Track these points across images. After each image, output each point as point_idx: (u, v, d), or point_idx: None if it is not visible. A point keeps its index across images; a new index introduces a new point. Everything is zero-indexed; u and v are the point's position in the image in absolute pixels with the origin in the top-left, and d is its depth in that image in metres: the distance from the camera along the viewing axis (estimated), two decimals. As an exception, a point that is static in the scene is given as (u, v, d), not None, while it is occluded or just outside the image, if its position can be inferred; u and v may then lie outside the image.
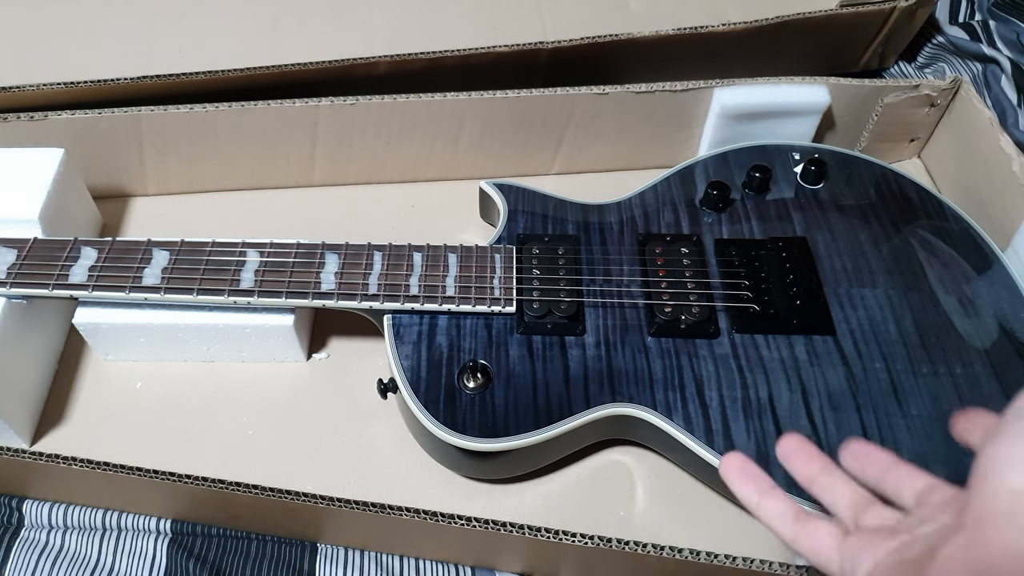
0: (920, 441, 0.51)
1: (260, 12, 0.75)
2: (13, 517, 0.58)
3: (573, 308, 0.57)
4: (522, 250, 0.60)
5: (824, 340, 0.56)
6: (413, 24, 0.74)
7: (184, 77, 0.67)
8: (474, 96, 0.68)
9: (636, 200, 0.65)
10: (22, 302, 0.57)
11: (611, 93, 0.69)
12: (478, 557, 0.55)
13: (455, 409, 0.52)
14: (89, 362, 0.64)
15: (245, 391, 0.62)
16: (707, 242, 0.61)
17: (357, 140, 0.71)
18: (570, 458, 0.58)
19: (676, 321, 0.56)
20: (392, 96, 0.68)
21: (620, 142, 0.75)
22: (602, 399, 0.53)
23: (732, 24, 0.72)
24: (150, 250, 0.58)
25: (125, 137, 0.68)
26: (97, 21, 0.73)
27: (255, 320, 0.59)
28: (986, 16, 0.86)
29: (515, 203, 0.64)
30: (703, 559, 0.45)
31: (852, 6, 0.74)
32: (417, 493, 0.57)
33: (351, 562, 0.56)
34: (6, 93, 0.66)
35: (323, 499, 0.49)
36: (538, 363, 0.55)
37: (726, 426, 0.52)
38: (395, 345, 0.55)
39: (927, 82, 0.71)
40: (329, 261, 0.58)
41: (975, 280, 0.59)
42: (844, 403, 0.53)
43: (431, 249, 0.59)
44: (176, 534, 0.57)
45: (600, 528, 0.47)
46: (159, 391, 0.62)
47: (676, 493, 0.57)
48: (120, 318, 0.59)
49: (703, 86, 0.70)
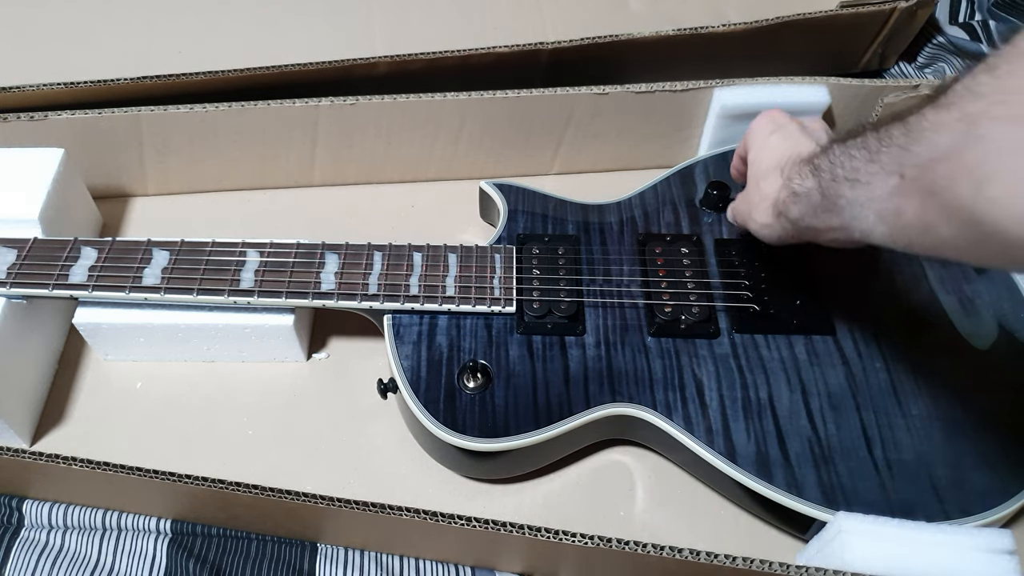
0: (920, 441, 0.51)
1: (260, 12, 0.74)
2: (13, 517, 0.58)
3: (573, 308, 0.57)
4: (522, 250, 0.60)
5: (824, 340, 0.56)
6: (413, 24, 0.74)
7: (184, 77, 0.67)
8: (474, 96, 0.68)
9: (636, 200, 0.65)
10: (22, 302, 0.57)
11: (611, 93, 0.69)
12: (478, 557, 0.55)
13: (455, 409, 0.52)
14: (89, 362, 0.64)
15: (245, 391, 0.62)
16: (707, 242, 0.61)
17: (357, 140, 0.71)
18: (570, 458, 0.58)
19: (676, 321, 0.56)
20: (392, 96, 0.68)
21: (620, 142, 0.75)
22: (602, 399, 0.53)
23: (732, 24, 0.72)
24: (150, 250, 0.58)
25: (125, 137, 0.68)
26: (97, 21, 0.73)
27: (255, 320, 0.59)
28: (986, 16, 0.86)
29: (515, 203, 0.64)
30: (703, 559, 0.45)
31: (852, 7, 0.74)
32: (417, 493, 0.57)
33: (351, 562, 0.56)
34: (6, 93, 0.66)
35: (323, 499, 0.49)
36: (538, 363, 0.55)
37: (726, 426, 0.52)
38: (395, 345, 0.55)
39: (927, 82, 0.71)
40: (329, 261, 0.58)
41: (975, 280, 0.59)
42: (844, 403, 0.53)
43: (431, 249, 0.59)
44: (176, 534, 0.57)
45: (600, 528, 0.47)
46: (159, 391, 0.62)
47: (676, 493, 0.57)
48: (120, 318, 0.59)
49: (703, 86, 0.70)
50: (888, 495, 0.49)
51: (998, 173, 0.30)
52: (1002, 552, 0.46)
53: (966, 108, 0.31)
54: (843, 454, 0.51)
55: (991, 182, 0.30)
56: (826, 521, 0.49)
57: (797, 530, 0.53)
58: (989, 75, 0.31)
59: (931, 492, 0.49)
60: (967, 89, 0.32)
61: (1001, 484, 0.50)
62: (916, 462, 0.51)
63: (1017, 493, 0.50)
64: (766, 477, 0.50)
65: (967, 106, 0.31)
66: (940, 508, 0.49)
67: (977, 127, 0.31)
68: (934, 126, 0.33)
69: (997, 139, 0.30)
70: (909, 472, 0.50)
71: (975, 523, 0.48)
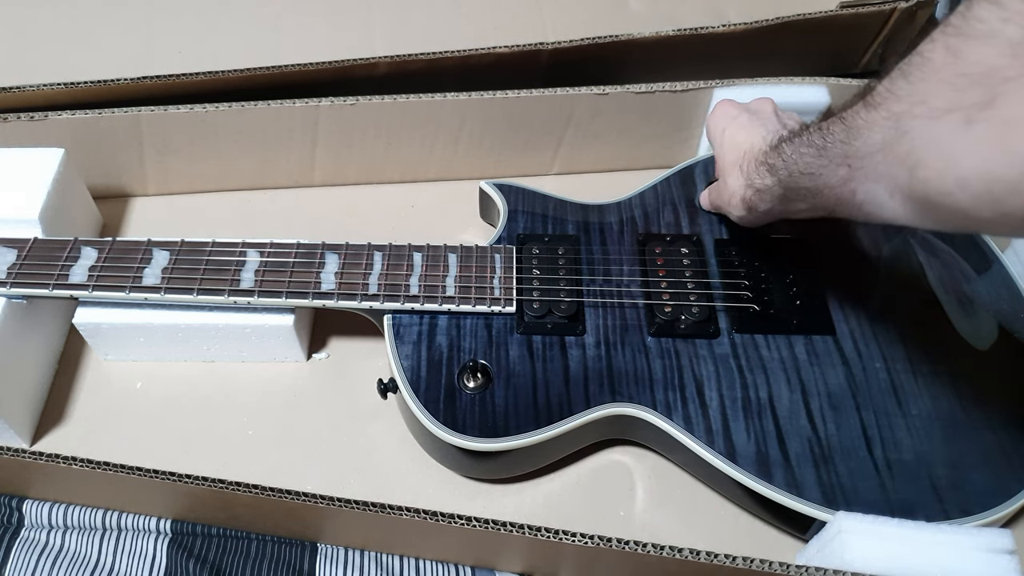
0: (920, 441, 0.51)
1: (260, 12, 0.74)
2: (13, 517, 0.58)
3: (573, 308, 0.57)
4: (522, 250, 0.60)
5: (824, 340, 0.56)
6: (413, 24, 0.74)
7: (184, 77, 0.67)
8: (474, 96, 0.68)
9: (636, 200, 0.65)
10: (22, 302, 0.57)
11: (611, 93, 0.69)
12: (478, 557, 0.55)
13: (455, 409, 0.52)
14: (89, 362, 0.64)
15: (245, 391, 0.62)
16: (707, 242, 0.61)
17: (357, 140, 0.71)
18: (570, 458, 0.58)
19: (676, 321, 0.56)
20: (392, 96, 0.68)
21: (620, 142, 0.75)
22: (602, 399, 0.53)
23: (732, 25, 0.72)
24: (150, 250, 0.58)
25: (125, 137, 0.68)
26: (97, 21, 0.73)
27: (255, 320, 0.59)
28: (985, 16, 0.86)
29: (515, 203, 0.64)
30: (703, 559, 0.45)
31: (852, 7, 0.74)
32: (417, 493, 0.57)
33: (351, 562, 0.56)
34: (6, 93, 0.66)
35: (323, 499, 0.49)
36: (538, 363, 0.55)
37: (726, 426, 0.52)
38: (395, 345, 0.55)
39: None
40: (329, 261, 0.58)
41: (975, 280, 0.59)
42: (844, 403, 0.53)
43: (431, 249, 0.59)
44: (176, 534, 0.57)
45: (600, 528, 0.47)
46: (159, 391, 0.62)
47: (676, 493, 0.57)
48: (120, 318, 0.59)
49: (703, 86, 0.70)
50: (888, 495, 0.49)
51: (924, 159, 0.36)
52: (1002, 552, 0.46)
53: (892, 108, 0.38)
54: (843, 454, 0.51)
55: (919, 167, 0.36)
56: (826, 521, 0.49)
57: (797, 530, 0.53)
58: (904, 80, 0.37)
59: (931, 492, 0.49)
60: (889, 92, 0.38)
61: (1001, 484, 0.50)
62: (916, 462, 0.51)
63: (1017, 493, 0.50)
64: (766, 477, 0.50)
65: (892, 106, 0.38)
66: (940, 508, 0.49)
67: (902, 124, 0.37)
68: (867, 124, 0.39)
69: (919, 132, 0.36)
70: (909, 472, 0.50)
71: (975, 523, 0.48)
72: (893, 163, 0.38)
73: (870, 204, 0.42)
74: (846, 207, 0.44)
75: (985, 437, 0.52)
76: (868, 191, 0.41)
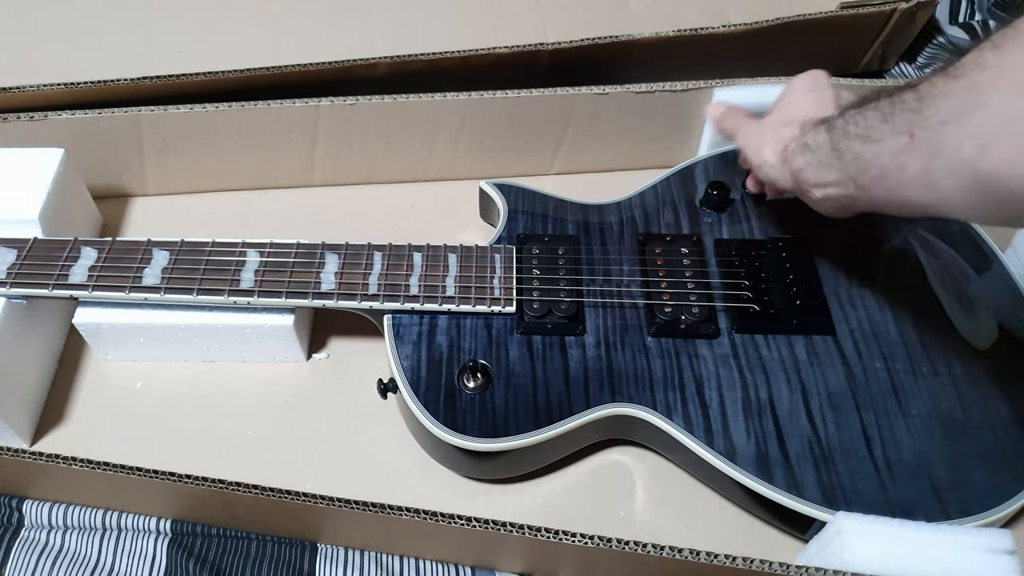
0: (920, 441, 0.51)
1: (260, 12, 0.75)
2: (13, 517, 0.58)
3: (573, 308, 0.57)
4: (522, 250, 0.60)
5: (824, 340, 0.56)
6: (413, 25, 0.74)
7: (184, 77, 0.67)
8: (474, 96, 0.68)
9: (636, 200, 0.65)
10: (22, 302, 0.57)
11: (611, 93, 0.69)
12: (478, 557, 0.55)
13: (455, 409, 0.52)
14: (89, 362, 0.64)
15: (245, 391, 0.62)
16: (707, 242, 0.61)
17: (357, 140, 0.71)
18: (570, 458, 0.58)
19: (676, 321, 0.56)
20: (392, 96, 0.68)
21: (620, 142, 0.75)
22: (602, 399, 0.53)
23: (732, 25, 0.72)
24: (150, 250, 0.58)
25: (125, 137, 0.68)
26: (97, 21, 0.73)
27: (255, 320, 0.59)
28: (986, 16, 0.86)
29: (515, 203, 0.64)
30: (703, 559, 0.45)
31: (852, 7, 0.74)
32: (417, 493, 0.57)
33: (351, 562, 0.56)
34: (6, 93, 0.66)
35: (323, 499, 0.49)
36: (538, 363, 0.55)
37: (726, 426, 0.52)
38: (395, 345, 0.55)
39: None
40: (329, 261, 0.58)
41: (975, 280, 0.59)
42: (844, 403, 0.53)
43: (431, 249, 0.59)
44: (176, 534, 0.57)
45: (600, 528, 0.47)
46: (159, 391, 0.62)
47: (676, 493, 0.57)
48: (120, 318, 0.59)
49: (703, 86, 0.70)
50: (888, 495, 0.49)
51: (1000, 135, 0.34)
52: (1002, 552, 0.46)
53: (975, 78, 0.35)
54: (843, 454, 0.51)
55: (993, 143, 0.34)
56: (826, 521, 0.49)
57: (797, 530, 0.53)
58: (994, 51, 0.35)
59: (931, 492, 0.49)
60: (974, 63, 0.35)
61: (1001, 484, 0.50)
62: (916, 462, 0.51)
63: (1017, 493, 0.50)
64: (766, 477, 0.50)
65: (975, 76, 0.35)
66: (940, 508, 0.49)
67: (982, 95, 0.35)
68: (944, 93, 0.37)
69: (1000, 106, 0.34)
70: (909, 472, 0.50)
71: (975, 523, 0.48)
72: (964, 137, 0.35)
73: (914, 182, 0.39)
74: (881, 186, 0.41)
75: (985, 437, 0.52)
76: (921, 167, 0.38)
